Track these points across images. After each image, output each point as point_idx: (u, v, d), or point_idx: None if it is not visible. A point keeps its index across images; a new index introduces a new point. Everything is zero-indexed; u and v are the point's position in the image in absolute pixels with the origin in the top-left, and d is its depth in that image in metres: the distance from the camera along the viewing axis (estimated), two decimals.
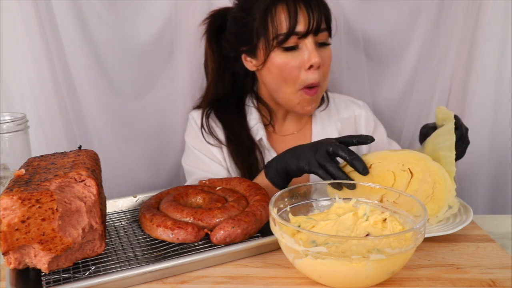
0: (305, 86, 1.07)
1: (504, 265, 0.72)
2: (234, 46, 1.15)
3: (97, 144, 1.43)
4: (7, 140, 0.93)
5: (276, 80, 1.09)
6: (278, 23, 1.04)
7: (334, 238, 0.63)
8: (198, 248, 0.75)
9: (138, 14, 1.38)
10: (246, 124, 1.19)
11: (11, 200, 0.63)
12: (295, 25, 1.03)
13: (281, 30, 1.04)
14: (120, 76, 1.42)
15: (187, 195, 0.88)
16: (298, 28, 1.03)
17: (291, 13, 1.02)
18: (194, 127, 1.22)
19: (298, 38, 1.04)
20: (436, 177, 0.80)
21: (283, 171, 0.92)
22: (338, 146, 0.85)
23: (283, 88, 1.09)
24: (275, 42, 1.04)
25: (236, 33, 1.13)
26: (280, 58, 1.05)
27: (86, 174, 0.70)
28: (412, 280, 0.68)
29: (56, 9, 1.31)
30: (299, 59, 1.05)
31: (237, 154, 1.16)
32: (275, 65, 1.06)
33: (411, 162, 0.82)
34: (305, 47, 1.05)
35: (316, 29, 1.03)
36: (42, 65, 1.30)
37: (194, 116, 1.23)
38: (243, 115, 1.20)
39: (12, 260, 0.65)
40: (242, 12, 1.10)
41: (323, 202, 0.79)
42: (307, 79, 1.06)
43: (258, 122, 1.19)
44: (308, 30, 1.03)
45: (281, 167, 0.92)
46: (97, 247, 0.73)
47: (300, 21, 1.03)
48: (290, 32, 1.03)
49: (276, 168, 0.93)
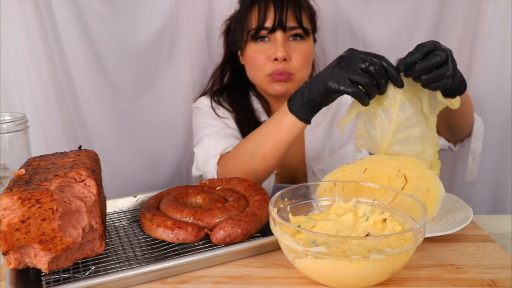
0: (271, 73, 1.18)
1: (504, 265, 0.72)
2: (232, 42, 1.29)
3: (97, 144, 1.43)
4: (7, 140, 0.93)
5: (250, 69, 1.23)
6: (251, 20, 1.19)
7: (334, 238, 0.63)
8: (198, 248, 0.75)
9: (138, 14, 1.38)
10: (252, 106, 1.30)
11: (11, 200, 0.63)
12: (263, 22, 1.16)
13: (252, 26, 1.18)
14: (120, 75, 1.42)
15: (187, 195, 0.88)
16: (266, 24, 1.16)
17: (261, 11, 1.17)
18: (204, 108, 1.28)
19: (268, 33, 1.17)
20: (430, 185, 0.79)
21: (310, 99, 0.87)
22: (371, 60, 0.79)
23: (255, 75, 1.23)
24: (249, 37, 1.19)
25: (233, 31, 1.27)
26: (252, 49, 1.20)
27: (86, 174, 0.70)
28: (412, 280, 0.68)
29: (56, 9, 1.31)
30: (267, 50, 1.18)
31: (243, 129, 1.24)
32: (249, 55, 1.21)
33: (406, 168, 0.82)
34: (274, 41, 1.17)
35: (283, 26, 1.15)
36: (42, 65, 1.30)
37: (202, 100, 1.30)
38: (248, 99, 1.31)
39: (12, 260, 0.65)
40: (237, 13, 1.25)
41: (323, 202, 0.79)
42: (272, 68, 1.17)
43: (260, 107, 1.30)
44: (274, 26, 1.15)
45: (306, 95, 0.88)
46: (97, 247, 0.73)
47: (268, 18, 1.16)
48: (258, 27, 1.17)
49: (301, 99, 0.89)
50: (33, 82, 1.31)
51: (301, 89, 0.90)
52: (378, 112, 0.85)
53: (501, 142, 1.43)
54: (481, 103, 1.40)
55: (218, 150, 1.11)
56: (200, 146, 1.17)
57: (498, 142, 1.43)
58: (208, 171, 1.11)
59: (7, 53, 1.28)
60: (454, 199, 0.92)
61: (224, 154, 1.11)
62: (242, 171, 1.01)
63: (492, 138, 1.43)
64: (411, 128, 0.83)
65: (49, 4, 1.30)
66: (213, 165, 1.10)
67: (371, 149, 0.89)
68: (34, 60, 1.29)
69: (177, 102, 1.46)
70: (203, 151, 1.15)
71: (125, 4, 1.37)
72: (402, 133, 0.84)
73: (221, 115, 1.26)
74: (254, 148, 0.98)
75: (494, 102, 1.41)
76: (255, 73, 1.22)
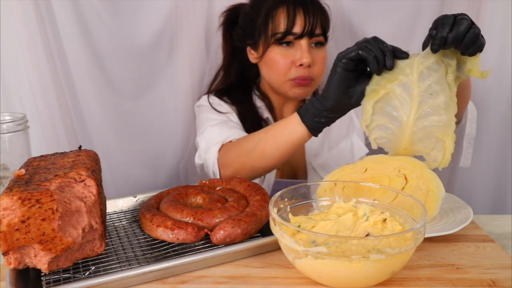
0: (294, 78, 1.19)
1: (504, 265, 0.72)
2: (241, 38, 1.28)
3: (97, 144, 1.43)
4: (7, 140, 0.93)
5: (270, 71, 1.22)
6: (278, 23, 1.17)
7: (334, 238, 0.63)
8: (198, 248, 0.75)
9: (138, 14, 1.38)
10: (254, 104, 1.31)
11: (11, 200, 0.63)
12: (292, 27, 1.16)
13: (279, 29, 1.17)
14: (120, 76, 1.42)
15: (187, 195, 0.88)
16: (295, 29, 1.16)
17: (289, 15, 1.16)
18: (206, 105, 1.28)
19: (294, 39, 1.17)
20: (430, 185, 0.79)
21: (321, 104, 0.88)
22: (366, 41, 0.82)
23: (275, 78, 1.22)
24: (273, 39, 1.18)
25: (244, 27, 1.26)
26: (276, 53, 1.19)
27: (86, 174, 0.70)
28: (412, 280, 0.68)
29: (56, 9, 1.31)
30: (292, 56, 1.18)
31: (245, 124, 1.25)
32: (271, 58, 1.20)
33: (407, 168, 0.82)
34: (299, 47, 1.17)
35: (311, 32, 1.16)
36: (42, 65, 1.30)
37: (204, 98, 1.31)
38: (250, 98, 1.32)
39: (12, 260, 0.65)
40: (252, 9, 1.24)
41: (323, 202, 0.79)
42: (297, 73, 1.18)
43: (262, 105, 1.31)
44: (303, 33, 1.16)
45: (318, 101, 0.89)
46: (97, 247, 0.73)
47: (297, 23, 1.16)
48: (287, 32, 1.16)
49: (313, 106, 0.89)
50: (33, 82, 1.31)
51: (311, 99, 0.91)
52: (395, 90, 0.81)
53: (501, 141, 1.43)
54: (481, 102, 1.40)
55: (220, 138, 1.12)
56: (203, 134, 1.18)
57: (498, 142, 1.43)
58: (209, 158, 1.11)
59: (7, 53, 1.28)
60: (454, 199, 0.92)
61: (225, 143, 1.11)
62: (241, 162, 1.02)
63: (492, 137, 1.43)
64: (435, 96, 0.80)
65: (49, 4, 1.30)
66: (214, 152, 1.10)
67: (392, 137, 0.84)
68: (34, 60, 1.29)
69: (177, 102, 1.46)
70: (205, 139, 1.16)
71: (125, 4, 1.36)
72: (426, 104, 0.80)
73: (223, 110, 1.26)
74: (256, 142, 1.00)
75: (494, 102, 1.41)
76: (275, 76, 1.21)
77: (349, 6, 1.40)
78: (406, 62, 0.82)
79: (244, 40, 1.27)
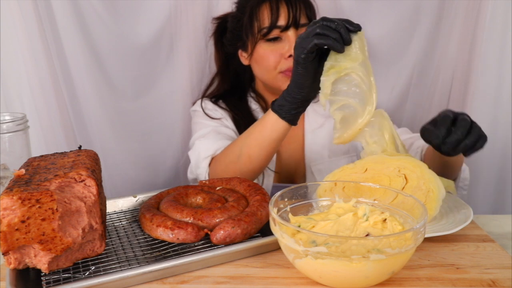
0: (285, 70, 1.18)
1: (504, 265, 0.72)
2: (231, 43, 1.28)
3: (97, 144, 1.43)
4: (7, 140, 0.93)
5: (261, 68, 1.22)
6: (262, 19, 1.18)
7: (334, 238, 0.63)
8: (198, 248, 0.75)
9: (137, 14, 1.38)
10: (249, 107, 1.31)
11: (11, 200, 0.63)
12: (276, 20, 1.16)
13: (264, 25, 1.17)
14: (120, 75, 1.42)
15: (187, 195, 0.88)
16: (280, 22, 1.16)
17: (273, 9, 1.16)
18: (200, 110, 1.28)
19: (281, 31, 1.17)
20: (431, 185, 0.79)
21: (290, 92, 0.90)
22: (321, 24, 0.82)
23: (266, 74, 1.22)
24: (260, 35, 1.18)
25: (233, 30, 1.26)
26: (264, 49, 1.19)
27: (86, 174, 0.70)
28: (412, 280, 0.68)
29: (56, 9, 1.31)
30: (281, 49, 1.17)
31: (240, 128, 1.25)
32: (260, 55, 1.20)
33: (407, 168, 0.82)
34: (287, 39, 1.17)
35: (296, 23, 1.16)
36: (41, 65, 1.30)
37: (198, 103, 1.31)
38: (245, 102, 1.33)
39: (12, 260, 0.65)
40: (237, 11, 1.25)
41: (323, 202, 0.79)
42: (286, 65, 1.17)
43: (258, 107, 1.31)
44: (288, 24, 1.16)
45: (286, 90, 0.91)
46: (97, 247, 0.73)
47: (281, 16, 1.16)
48: (272, 26, 1.16)
49: (282, 96, 0.93)
50: (33, 82, 1.31)
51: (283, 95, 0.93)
52: (356, 66, 0.83)
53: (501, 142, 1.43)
54: (480, 103, 1.40)
55: (209, 152, 1.12)
56: (193, 150, 1.18)
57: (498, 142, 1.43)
58: (200, 173, 1.12)
59: (7, 53, 1.28)
60: (454, 199, 0.92)
61: (215, 156, 1.11)
62: (230, 171, 1.03)
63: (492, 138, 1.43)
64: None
65: (49, 4, 1.30)
66: (204, 167, 1.11)
67: (357, 108, 0.86)
68: (34, 60, 1.29)
69: (177, 101, 1.47)
70: (195, 155, 1.16)
71: (125, 4, 1.37)
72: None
73: (217, 116, 1.26)
74: (240, 148, 1.02)
75: (494, 103, 1.41)
76: (266, 72, 1.21)
77: (349, 6, 1.40)
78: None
79: (234, 43, 1.27)
